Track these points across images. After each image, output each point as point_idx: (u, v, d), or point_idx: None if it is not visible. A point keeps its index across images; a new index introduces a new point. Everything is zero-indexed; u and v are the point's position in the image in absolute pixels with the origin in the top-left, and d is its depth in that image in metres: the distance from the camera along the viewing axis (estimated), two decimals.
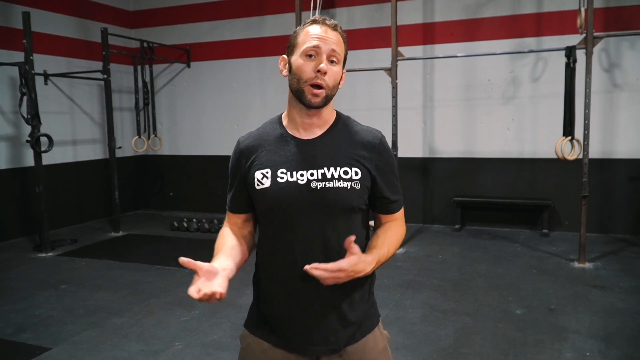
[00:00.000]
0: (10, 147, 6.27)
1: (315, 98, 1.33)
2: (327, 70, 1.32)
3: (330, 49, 1.33)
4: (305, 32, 1.35)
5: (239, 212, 1.50)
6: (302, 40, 1.35)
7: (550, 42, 5.90)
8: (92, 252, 5.72)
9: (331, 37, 1.34)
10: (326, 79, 1.32)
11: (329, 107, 1.41)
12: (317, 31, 1.34)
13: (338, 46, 1.35)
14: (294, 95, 1.38)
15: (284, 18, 7.08)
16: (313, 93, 1.33)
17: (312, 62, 1.33)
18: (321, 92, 1.33)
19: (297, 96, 1.36)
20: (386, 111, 5.59)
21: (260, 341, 1.45)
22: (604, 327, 3.43)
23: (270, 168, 1.38)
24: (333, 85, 1.35)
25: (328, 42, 1.33)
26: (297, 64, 1.34)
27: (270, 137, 1.43)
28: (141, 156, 8.13)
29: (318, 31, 1.33)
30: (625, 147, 5.88)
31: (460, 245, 5.72)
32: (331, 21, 1.36)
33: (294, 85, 1.35)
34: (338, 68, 1.36)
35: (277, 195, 1.36)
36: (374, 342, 1.47)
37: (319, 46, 1.32)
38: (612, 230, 6.00)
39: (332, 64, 1.34)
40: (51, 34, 6.74)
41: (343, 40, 1.38)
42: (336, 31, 1.36)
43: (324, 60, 1.32)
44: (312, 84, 1.32)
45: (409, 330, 3.47)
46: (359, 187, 1.37)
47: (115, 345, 3.34)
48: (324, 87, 1.33)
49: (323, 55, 1.32)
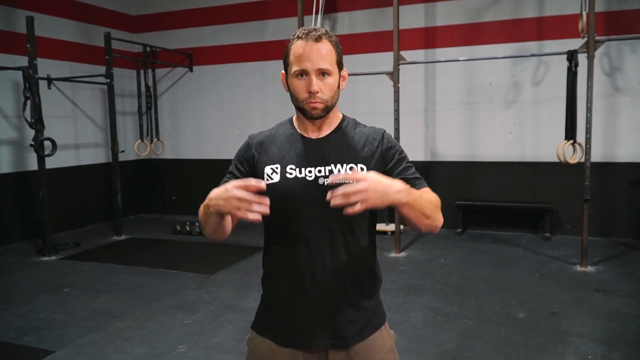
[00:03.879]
0: (14, 151, 6.30)
1: (314, 111, 1.39)
2: (318, 89, 1.35)
3: (316, 68, 1.34)
4: (293, 52, 1.37)
5: None
6: (291, 60, 1.38)
7: (552, 46, 5.91)
8: (95, 255, 5.73)
9: (316, 53, 1.34)
10: (320, 95, 1.37)
11: (333, 110, 1.46)
12: (301, 51, 1.35)
13: (325, 59, 1.35)
14: (297, 110, 1.45)
15: (286, 22, 7.11)
16: (311, 107, 1.38)
17: (303, 82, 1.37)
18: (319, 106, 1.38)
19: (300, 112, 1.44)
20: (388, 115, 5.60)
21: (268, 342, 1.47)
22: (606, 331, 3.42)
23: (279, 164, 1.43)
24: (330, 96, 1.39)
25: (313, 60, 1.34)
26: (292, 85, 1.39)
27: (281, 136, 1.49)
28: (143, 160, 8.15)
29: (302, 51, 1.35)
30: (627, 150, 5.88)
31: (462, 249, 5.72)
32: (315, 32, 1.36)
33: (294, 103, 1.43)
34: (332, 78, 1.38)
35: (285, 191, 1.40)
36: (381, 341, 1.48)
37: (305, 69, 1.35)
38: (614, 234, 5.99)
39: (324, 77, 1.37)
40: (54, 38, 6.77)
41: (333, 46, 1.38)
42: (321, 42, 1.35)
43: (313, 81, 1.35)
44: (309, 102, 1.38)
45: (411, 333, 3.47)
46: None
47: (118, 349, 3.34)
48: (319, 101, 1.38)
49: (312, 75, 1.35)
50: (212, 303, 4.14)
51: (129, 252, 5.99)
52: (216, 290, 4.46)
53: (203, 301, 4.18)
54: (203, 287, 4.54)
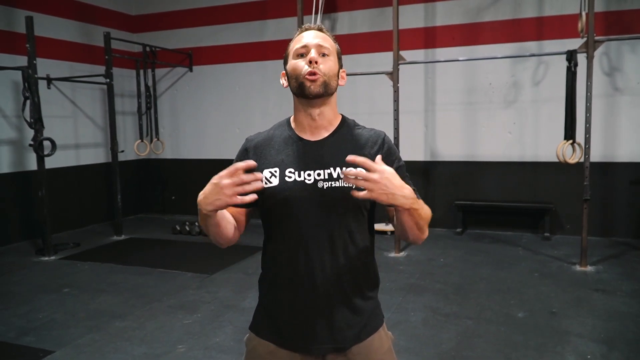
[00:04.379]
0: (13, 151, 6.30)
1: (313, 83, 1.36)
2: (318, 59, 1.37)
3: (317, 43, 1.39)
4: (293, 42, 1.44)
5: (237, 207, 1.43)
6: (292, 47, 1.43)
7: (551, 46, 5.91)
8: (95, 255, 5.73)
9: (315, 35, 1.42)
10: (320, 67, 1.37)
11: (332, 107, 1.45)
12: (301, 36, 1.43)
13: (325, 42, 1.41)
14: (296, 95, 1.42)
15: (286, 22, 7.11)
16: (310, 79, 1.37)
17: (303, 59, 1.39)
18: (317, 77, 1.37)
19: (299, 93, 1.40)
20: (388, 115, 5.60)
21: (267, 343, 1.46)
22: (605, 331, 3.43)
23: (278, 167, 1.41)
24: (329, 73, 1.39)
25: (313, 38, 1.40)
26: (291, 65, 1.41)
27: (279, 138, 1.46)
28: (143, 160, 8.15)
29: (303, 35, 1.43)
30: (627, 150, 5.89)
31: (461, 248, 5.72)
32: (315, 25, 1.45)
33: (293, 85, 1.40)
34: (331, 61, 1.41)
35: (284, 194, 1.38)
36: (379, 342, 1.48)
37: (306, 44, 1.40)
38: (613, 233, 6.00)
39: (324, 57, 1.39)
40: (54, 38, 6.77)
41: (331, 39, 1.44)
42: (321, 31, 1.44)
43: (312, 52, 1.39)
44: (308, 74, 1.37)
45: (411, 333, 3.48)
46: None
47: (117, 349, 3.34)
48: (318, 73, 1.37)
49: (312, 49, 1.39)
50: (212, 303, 4.14)
51: (129, 252, 5.99)
52: (216, 290, 4.46)
53: (203, 301, 4.19)
54: (203, 287, 4.54)
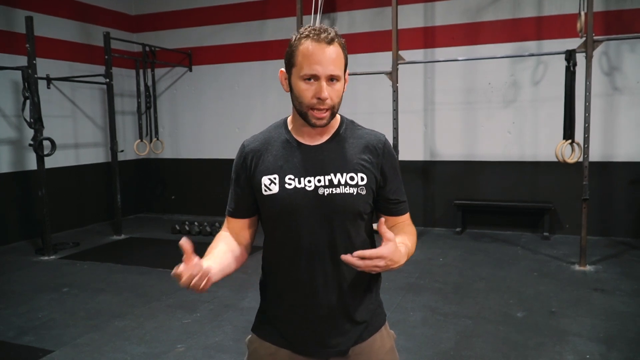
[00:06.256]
0: (13, 150, 6.30)
1: (320, 121, 1.33)
2: (328, 96, 1.29)
3: (328, 74, 1.28)
4: (302, 53, 1.28)
5: (240, 217, 1.48)
6: (299, 62, 1.29)
7: (551, 46, 5.92)
8: (94, 255, 5.73)
9: (328, 57, 1.28)
10: (329, 102, 1.30)
11: None
12: (313, 52, 1.27)
13: (336, 63, 1.29)
14: (298, 114, 1.37)
15: (285, 22, 7.11)
16: (317, 117, 1.32)
17: (311, 87, 1.29)
18: (325, 115, 1.32)
19: (301, 117, 1.35)
20: (387, 114, 5.61)
21: (268, 344, 1.45)
22: (604, 330, 3.43)
23: (277, 174, 1.38)
24: (337, 102, 1.33)
25: (325, 64, 1.27)
26: (297, 87, 1.31)
27: (277, 142, 1.42)
28: (143, 160, 8.15)
29: (314, 52, 1.27)
30: (626, 150, 5.89)
31: (461, 248, 5.72)
32: (327, 33, 1.29)
33: (296, 106, 1.34)
34: (340, 84, 1.32)
35: (285, 202, 1.36)
36: (381, 342, 1.47)
37: (316, 74, 1.28)
38: (612, 233, 6.00)
39: (333, 82, 1.30)
40: (54, 38, 6.77)
41: (342, 50, 1.32)
42: (333, 44, 1.29)
43: (324, 87, 1.28)
44: (315, 110, 1.31)
45: (410, 333, 3.48)
46: (364, 192, 1.37)
47: (117, 348, 3.35)
48: (327, 109, 1.32)
49: (322, 81, 1.28)
50: (211, 302, 4.14)
51: (128, 251, 5.99)
52: (215, 289, 4.45)
53: (202, 301, 4.19)
54: None
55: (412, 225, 1.50)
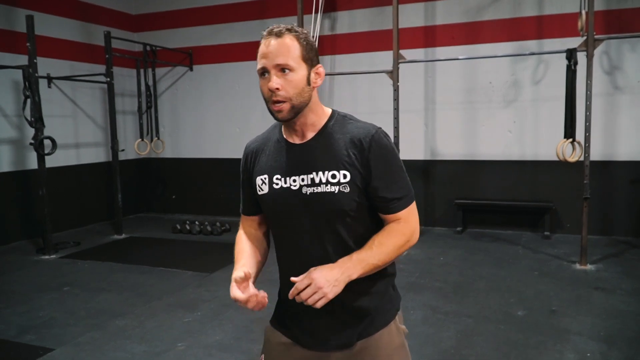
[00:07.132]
0: (14, 149, 6.30)
1: (279, 113, 1.32)
2: (278, 86, 1.29)
3: (274, 64, 1.29)
4: (258, 52, 1.34)
5: (252, 214, 1.54)
6: (257, 61, 1.34)
7: (551, 45, 5.91)
8: (95, 254, 5.74)
9: (274, 49, 1.30)
10: (282, 93, 1.29)
11: (313, 110, 1.38)
12: (262, 47, 1.32)
13: (285, 54, 1.29)
14: None
15: (286, 22, 6.95)
16: (275, 109, 1.32)
17: (265, 81, 1.32)
18: (282, 106, 1.31)
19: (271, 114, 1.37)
20: (388, 114, 5.60)
21: (279, 334, 1.51)
22: (605, 329, 3.43)
23: (267, 174, 1.42)
24: (295, 93, 1.30)
25: (270, 56, 1.29)
26: (260, 84, 1.35)
27: (271, 142, 1.46)
28: (144, 159, 8.15)
29: (262, 47, 1.32)
30: (627, 149, 5.88)
31: (461, 247, 5.72)
32: (279, 28, 1.32)
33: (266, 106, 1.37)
34: (295, 74, 1.30)
35: (274, 202, 1.40)
36: (389, 337, 1.46)
37: (263, 66, 1.31)
38: (613, 232, 6.00)
39: (285, 73, 1.29)
40: (54, 37, 6.78)
41: (297, 41, 1.31)
42: (282, 37, 1.30)
43: (272, 78, 1.29)
44: (272, 103, 1.32)
45: (410, 332, 3.42)
46: (347, 190, 1.33)
47: (117, 347, 3.35)
48: (283, 100, 1.30)
49: (271, 72, 1.30)
50: (212, 301, 4.14)
51: (129, 250, 6.00)
52: (216, 288, 4.46)
53: (203, 299, 4.19)
54: (203, 286, 4.55)
55: (407, 224, 1.40)
